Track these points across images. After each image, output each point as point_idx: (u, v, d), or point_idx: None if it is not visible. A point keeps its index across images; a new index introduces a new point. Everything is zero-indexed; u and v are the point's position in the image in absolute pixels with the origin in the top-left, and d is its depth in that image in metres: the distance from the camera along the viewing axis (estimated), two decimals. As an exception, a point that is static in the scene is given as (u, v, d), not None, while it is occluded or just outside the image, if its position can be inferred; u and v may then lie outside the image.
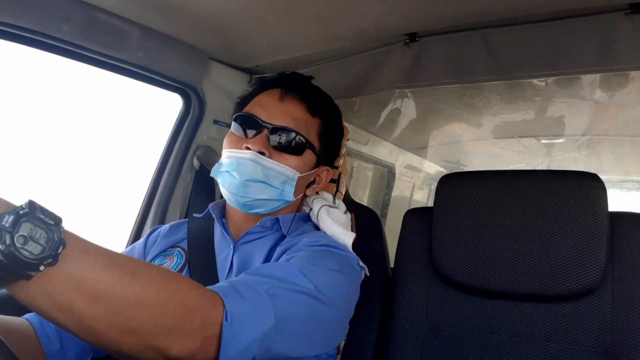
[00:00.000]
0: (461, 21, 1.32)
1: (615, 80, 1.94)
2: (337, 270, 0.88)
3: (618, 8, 1.17)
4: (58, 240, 0.51)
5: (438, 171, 3.71)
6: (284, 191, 1.00)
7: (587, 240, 1.06)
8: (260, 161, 0.96)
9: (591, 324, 1.05)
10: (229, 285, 0.69)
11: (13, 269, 0.48)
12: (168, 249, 1.10)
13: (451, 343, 1.15)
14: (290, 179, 1.00)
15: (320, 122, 1.06)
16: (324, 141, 1.07)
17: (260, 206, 1.01)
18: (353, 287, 0.95)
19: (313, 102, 1.05)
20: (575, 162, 3.02)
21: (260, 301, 0.70)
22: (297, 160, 1.01)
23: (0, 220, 0.49)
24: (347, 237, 1.01)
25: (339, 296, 0.86)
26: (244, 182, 0.96)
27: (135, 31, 1.31)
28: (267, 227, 1.03)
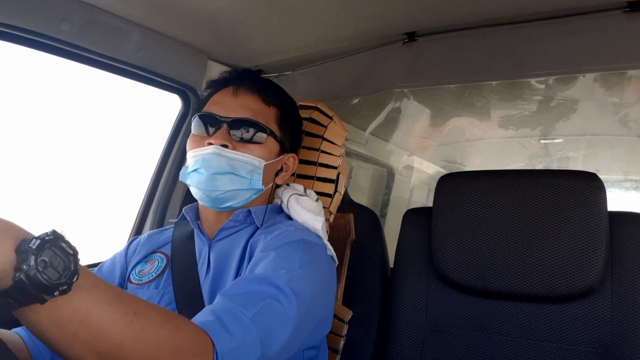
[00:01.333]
0: (460, 20, 1.32)
1: (614, 79, 1.94)
2: (311, 267, 0.89)
3: (616, 6, 1.17)
4: (74, 270, 0.54)
5: (437, 171, 3.71)
6: (252, 180, 1.02)
7: (586, 240, 1.06)
8: (224, 153, 0.98)
9: (591, 324, 1.05)
10: (215, 320, 0.70)
11: (31, 291, 0.50)
12: (149, 255, 1.12)
13: (451, 343, 1.15)
14: (256, 167, 1.02)
15: (276, 110, 1.09)
16: (284, 128, 1.10)
17: (231, 198, 1.02)
18: (328, 278, 0.97)
19: (266, 92, 1.08)
20: (574, 161, 3.02)
21: (246, 334, 0.71)
22: (261, 149, 1.03)
23: (28, 243, 0.51)
24: (317, 221, 1.03)
25: (317, 295, 0.88)
26: (211, 175, 0.98)
27: (134, 32, 1.31)
28: (240, 220, 1.05)
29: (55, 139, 1.94)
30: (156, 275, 1.05)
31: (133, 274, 1.08)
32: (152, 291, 1.02)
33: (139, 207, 1.64)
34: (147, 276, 1.06)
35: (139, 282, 1.05)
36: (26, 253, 0.51)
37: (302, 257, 0.89)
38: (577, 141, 2.89)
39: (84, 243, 0.94)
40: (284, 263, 0.85)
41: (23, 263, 0.50)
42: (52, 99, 1.88)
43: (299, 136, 1.22)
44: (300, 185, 1.19)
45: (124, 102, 1.90)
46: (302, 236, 0.96)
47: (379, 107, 2.53)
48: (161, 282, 1.04)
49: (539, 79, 1.98)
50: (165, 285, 1.03)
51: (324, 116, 1.33)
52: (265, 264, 0.86)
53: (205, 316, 0.71)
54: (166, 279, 1.04)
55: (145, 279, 1.05)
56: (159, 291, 1.02)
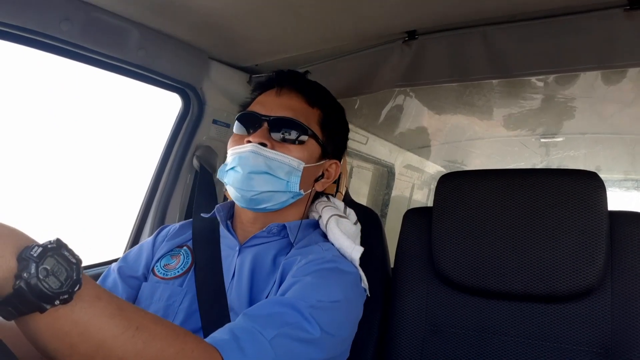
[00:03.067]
0: (460, 19, 1.32)
1: (615, 78, 1.94)
2: (344, 301, 0.87)
3: (617, 4, 1.17)
4: (76, 279, 0.53)
5: (438, 170, 3.72)
6: (289, 182, 0.99)
7: (586, 239, 1.05)
8: (261, 152, 0.96)
9: (591, 324, 1.04)
10: (230, 337, 0.68)
11: (31, 299, 0.50)
12: (175, 249, 1.09)
13: (451, 343, 1.15)
14: (295, 169, 0.99)
15: (320, 112, 1.06)
16: (327, 132, 1.07)
17: (267, 200, 0.99)
18: (357, 312, 0.95)
19: (310, 93, 1.06)
20: (575, 160, 3.02)
21: (262, 354, 0.69)
22: (300, 150, 1.00)
23: (30, 250, 0.51)
24: (355, 251, 0.99)
25: (343, 330, 0.86)
26: (247, 174, 0.96)
27: (135, 31, 1.31)
28: (274, 233, 1.02)
29: (54, 138, 1.94)
30: (182, 272, 1.03)
31: (158, 266, 1.06)
32: (177, 288, 1.00)
33: (139, 208, 1.64)
34: (173, 272, 1.03)
35: (164, 276, 1.03)
36: (27, 261, 0.50)
37: (333, 289, 0.86)
38: (577, 140, 2.89)
39: (82, 244, 0.93)
40: (314, 290, 0.83)
41: (24, 271, 0.49)
42: (52, 99, 1.88)
43: (344, 142, 1.17)
44: (340, 203, 1.16)
45: (124, 101, 1.90)
46: (337, 265, 0.93)
47: (380, 106, 2.53)
48: (186, 280, 1.01)
49: (539, 77, 1.98)
50: (190, 284, 1.00)
51: (324, 115, 1.33)
52: (296, 289, 0.83)
53: (222, 334, 0.70)
54: (190, 277, 1.01)
55: (170, 274, 1.03)
56: (183, 289, 1.00)
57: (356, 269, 0.98)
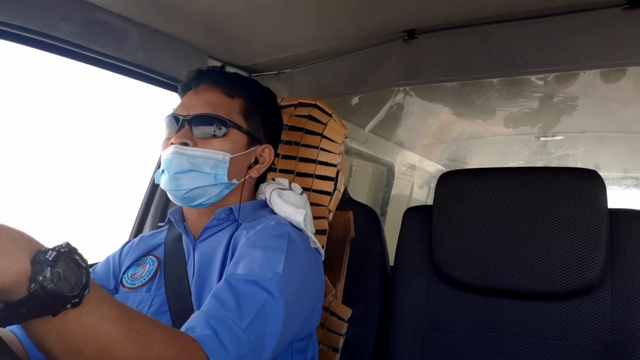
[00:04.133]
0: (459, 18, 1.32)
1: (614, 76, 1.94)
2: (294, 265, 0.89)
3: (616, 3, 1.17)
4: (86, 283, 0.53)
5: (437, 169, 3.72)
6: (217, 175, 1.00)
7: (586, 237, 1.06)
8: (183, 152, 0.98)
9: (591, 321, 1.05)
10: (212, 334, 0.70)
11: (45, 302, 0.50)
12: (140, 258, 1.12)
13: (451, 341, 1.15)
14: (220, 161, 1.00)
15: (242, 101, 1.08)
16: (252, 119, 1.08)
17: (200, 195, 1.01)
18: (312, 273, 0.97)
19: (228, 85, 1.07)
20: (575, 158, 3.02)
21: (240, 348, 0.72)
22: (223, 143, 1.02)
23: (45, 254, 0.51)
24: (298, 214, 1.03)
25: (302, 292, 0.89)
26: (173, 175, 0.98)
27: (134, 30, 1.31)
28: (223, 218, 1.04)
29: (53, 137, 1.94)
30: (148, 279, 1.05)
31: (125, 277, 1.08)
32: (144, 294, 1.02)
33: (139, 207, 1.64)
34: (140, 280, 1.06)
35: (132, 285, 1.05)
36: (42, 264, 0.50)
37: (285, 255, 0.88)
38: (577, 138, 2.89)
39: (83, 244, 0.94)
40: (269, 263, 0.85)
41: (39, 274, 0.50)
42: (52, 98, 1.88)
43: (276, 125, 1.19)
44: (285, 180, 1.19)
45: (124, 100, 1.90)
46: (284, 230, 0.95)
47: (379, 105, 2.53)
48: (153, 285, 1.04)
49: (539, 76, 1.98)
50: (157, 288, 1.03)
51: (323, 114, 1.33)
52: (250, 262, 0.85)
53: (202, 329, 0.71)
54: (158, 282, 1.04)
55: (137, 283, 1.05)
56: (151, 294, 1.02)
57: (302, 232, 1.01)
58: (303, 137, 1.32)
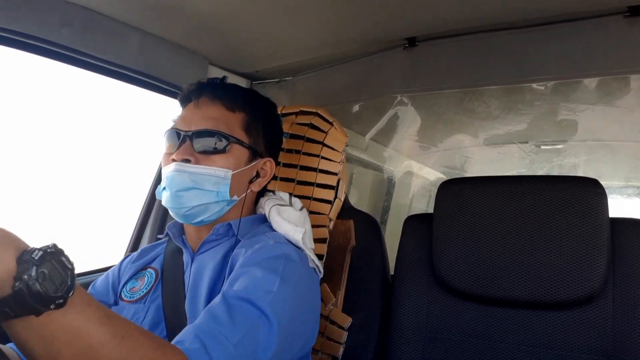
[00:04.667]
0: (461, 25, 1.32)
1: (616, 85, 1.94)
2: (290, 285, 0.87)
3: (617, 11, 1.17)
4: (70, 284, 0.54)
5: (438, 177, 3.71)
6: (219, 192, 0.99)
7: (587, 246, 1.05)
8: (185, 169, 0.97)
9: (592, 331, 1.04)
10: (200, 347, 0.69)
11: (29, 302, 0.50)
12: (139, 272, 1.11)
13: (452, 350, 1.14)
14: (222, 178, 0.99)
15: (243, 115, 1.06)
16: (253, 133, 1.06)
17: (201, 213, 1.00)
18: (309, 294, 0.96)
19: (229, 99, 1.05)
20: (576, 167, 3.02)
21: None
22: (225, 159, 1.00)
23: (31, 254, 0.52)
24: (297, 232, 1.01)
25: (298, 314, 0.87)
26: (175, 193, 0.97)
27: (135, 36, 1.31)
28: (221, 233, 1.03)
29: (54, 143, 1.94)
30: (146, 292, 1.04)
31: (124, 291, 1.07)
32: (140, 306, 1.02)
33: (138, 214, 1.64)
34: (138, 293, 1.05)
35: (130, 299, 1.04)
36: (28, 263, 0.51)
37: (282, 275, 0.87)
38: (578, 147, 2.88)
39: (81, 252, 0.94)
40: (264, 282, 0.84)
41: (24, 273, 0.50)
42: (52, 104, 1.88)
43: (277, 138, 1.17)
44: (285, 194, 1.17)
45: (125, 107, 1.90)
46: (283, 250, 0.93)
47: (380, 113, 2.52)
48: (149, 297, 1.03)
49: (539, 84, 1.98)
50: (152, 299, 1.02)
51: (324, 122, 1.33)
52: (245, 280, 0.84)
53: (191, 342, 0.70)
54: (153, 293, 1.03)
55: (136, 296, 1.05)
56: (145, 305, 1.01)
57: (302, 251, 1.00)
58: (304, 146, 1.32)
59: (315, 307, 0.99)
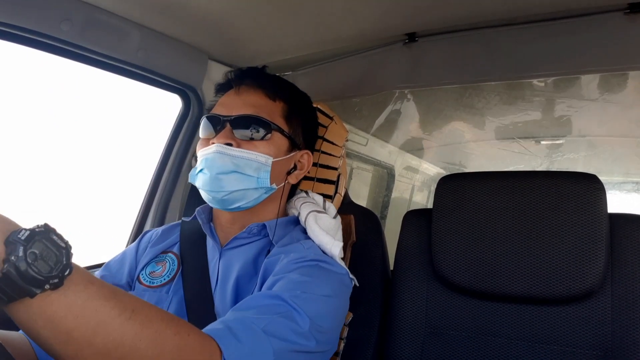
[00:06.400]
0: (460, 21, 1.32)
1: (615, 81, 1.94)
2: (330, 295, 0.87)
3: (617, 8, 1.17)
4: (66, 263, 0.52)
5: (437, 172, 3.72)
6: (259, 178, 0.97)
7: (586, 242, 1.05)
8: (227, 152, 0.95)
9: (591, 326, 1.04)
10: (224, 327, 0.68)
11: (19, 284, 0.49)
12: (159, 255, 1.08)
13: (451, 345, 1.15)
14: (263, 164, 0.98)
15: (283, 104, 1.05)
16: (293, 123, 1.06)
17: (239, 199, 0.98)
18: (343, 306, 0.95)
19: (270, 87, 1.04)
20: (575, 163, 3.02)
21: (257, 342, 0.69)
22: (267, 145, 0.99)
23: (17, 234, 0.50)
24: (335, 247, 0.99)
25: (332, 324, 0.86)
26: (215, 175, 0.95)
27: (135, 31, 1.31)
28: (254, 233, 1.02)
29: (53, 138, 1.94)
30: (169, 280, 1.02)
31: (143, 274, 1.04)
32: (163, 295, 0.99)
33: (139, 208, 1.64)
34: (159, 279, 1.02)
35: (150, 284, 1.02)
36: (15, 244, 0.49)
37: (325, 281, 0.87)
38: (577, 142, 2.89)
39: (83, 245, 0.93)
40: (300, 285, 0.83)
41: (11, 254, 0.49)
42: (52, 99, 1.88)
43: (314, 132, 1.17)
44: (319, 197, 1.16)
45: (124, 102, 1.90)
46: (319, 263, 0.92)
47: (380, 108, 2.53)
48: (172, 286, 1.00)
49: (539, 80, 1.98)
50: (175, 290, 1.00)
51: (324, 117, 1.33)
52: (281, 284, 0.83)
53: (214, 325, 0.69)
54: (176, 283, 1.01)
55: (157, 282, 1.02)
56: (169, 295, 0.99)
57: (338, 264, 0.98)
58: (303, 140, 1.32)
59: (343, 316, 0.96)
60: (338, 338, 0.96)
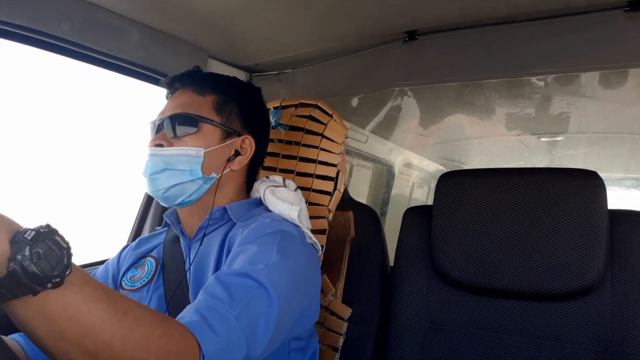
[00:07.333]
0: (460, 19, 1.32)
1: (615, 78, 1.94)
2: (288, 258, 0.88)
3: (617, 6, 1.17)
4: (67, 263, 0.54)
5: (437, 169, 3.72)
6: (192, 170, 1.01)
7: (586, 238, 1.06)
8: (156, 153, 1.01)
9: (591, 322, 1.05)
10: (200, 319, 0.70)
11: (24, 281, 0.50)
12: (139, 260, 1.13)
13: (451, 341, 1.15)
14: (194, 157, 1.01)
15: (214, 97, 1.08)
16: (225, 112, 1.08)
17: (180, 194, 1.02)
18: (308, 268, 0.96)
19: (198, 84, 1.09)
20: (575, 159, 3.02)
21: (231, 333, 0.71)
22: (195, 139, 1.03)
23: (23, 234, 0.52)
24: (292, 210, 1.03)
25: (297, 287, 0.88)
26: (150, 176, 1.01)
27: (135, 30, 1.31)
28: (217, 218, 1.05)
29: (52, 138, 1.94)
30: (147, 280, 1.06)
31: (125, 280, 1.09)
32: (143, 295, 1.04)
33: (138, 208, 1.64)
34: (139, 282, 1.07)
35: (131, 287, 1.06)
36: (21, 244, 0.51)
37: (278, 249, 0.88)
38: (577, 139, 2.89)
39: (83, 244, 0.95)
40: (261, 256, 0.85)
41: (17, 253, 0.50)
42: (52, 97, 1.88)
43: (257, 116, 1.17)
44: (279, 177, 1.18)
45: (124, 101, 1.90)
46: (279, 227, 0.95)
47: (379, 105, 2.53)
48: (151, 285, 1.05)
49: (539, 77, 1.98)
50: (155, 288, 1.04)
51: (323, 114, 1.33)
52: (243, 258, 0.85)
53: (190, 316, 0.71)
54: (156, 282, 1.05)
55: (137, 285, 1.06)
56: (148, 294, 1.03)
57: (298, 228, 1.01)
58: (303, 137, 1.33)
59: (315, 281, 1.00)
60: (318, 304, 1.00)
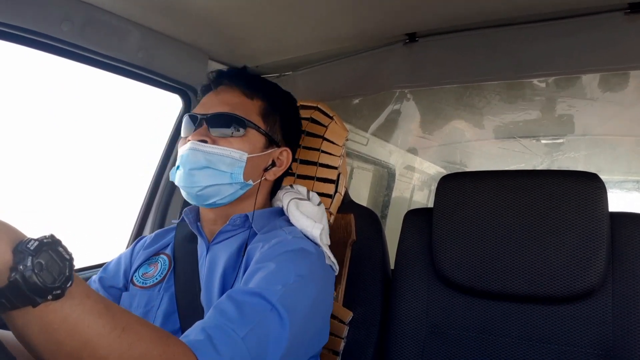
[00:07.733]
0: (461, 21, 1.32)
1: (615, 80, 1.94)
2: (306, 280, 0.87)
3: (618, 8, 1.17)
4: (68, 275, 0.53)
5: (438, 172, 3.72)
6: (233, 174, 0.99)
7: (587, 241, 1.05)
8: (199, 148, 0.98)
9: (592, 326, 1.04)
10: (204, 339, 0.69)
11: (25, 292, 0.50)
12: (152, 257, 1.12)
13: (452, 345, 1.15)
14: (237, 160, 1.00)
15: (261, 103, 1.07)
16: (270, 121, 1.07)
17: (214, 194, 1.00)
18: (324, 290, 0.95)
19: (247, 86, 1.07)
20: (576, 162, 3.02)
21: (236, 352, 0.70)
22: (242, 142, 1.01)
23: (27, 244, 0.51)
24: (315, 228, 1.01)
25: (312, 309, 0.86)
26: (188, 171, 0.98)
27: (135, 31, 1.31)
28: (238, 224, 1.03)
29: (53, 139, 1.94)
30: (160, 279, 1.05)
31: (136, 276, 1.08)
32: (154, 294, 1.02)
33: (139, 208, 1.64)
34: (151, 279, 1.05)
35: (143, 285, 1.05)
36: (23, 254, 0.50)
37: (297, 269, 0.87)
38: (578, 141, 2.89)
39: (83, 246, 0.95)
40: (279, 276, 0.83)
41: (19, 263, 0.50)
42: (52, 99, 1.88)
43: (295, 130, 1.18)
44: (303, 188, 1.17)
45: (125, 102, 1.90)
46: (300, 245, 0.94)
47: (380, 108, 2.53)
48: (163, 285, 1.04)
49: (540, 79, 1.98)
50: (167, 287, 1.03)
51: (324, 116, 1.33)
52: (260, 276, 0.84)
53: (196, 334, 0.70)
54: (167, 282, 1.04)
55: (149, 282, 1.05)
56: (160, 293, 1.02)
57: (319, 247, 0.99)
58: (304, 140, 1.32)
59: (329, 304, 0.98)
60: (327, 327, 0.97)
